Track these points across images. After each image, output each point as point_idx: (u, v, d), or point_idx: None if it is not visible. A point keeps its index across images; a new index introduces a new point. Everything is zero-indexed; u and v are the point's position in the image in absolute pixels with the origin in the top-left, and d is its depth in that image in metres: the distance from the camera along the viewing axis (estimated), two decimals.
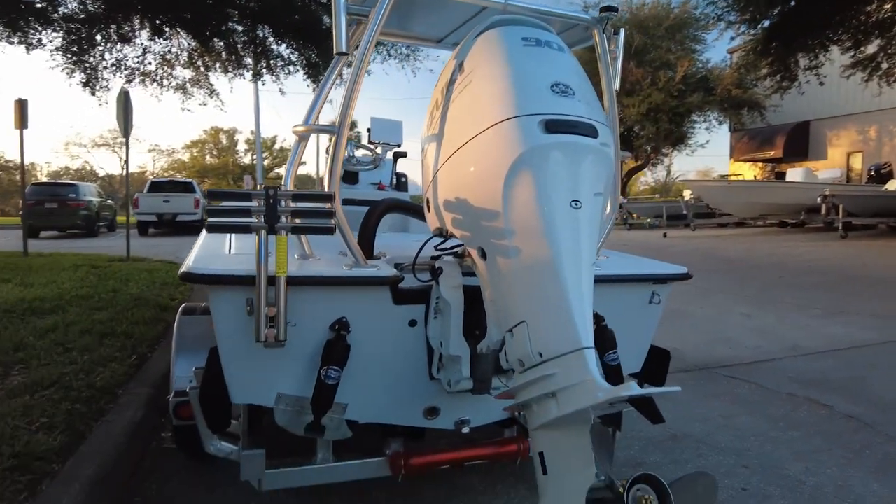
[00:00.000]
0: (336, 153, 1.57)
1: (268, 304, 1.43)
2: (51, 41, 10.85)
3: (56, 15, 10.42)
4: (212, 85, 13.77)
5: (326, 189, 1.56)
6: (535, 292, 1.23)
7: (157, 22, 10.92)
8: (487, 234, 1.33)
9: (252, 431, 1.75)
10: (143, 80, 13.62)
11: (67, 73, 12.41)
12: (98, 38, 10.91)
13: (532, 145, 1.25)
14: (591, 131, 1.28)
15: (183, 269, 1.52)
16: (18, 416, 2.35)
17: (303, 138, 1.71)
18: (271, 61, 12.72)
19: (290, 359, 1.60)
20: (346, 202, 3.19)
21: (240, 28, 11.65)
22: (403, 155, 3.45)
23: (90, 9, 10.52)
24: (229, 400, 1.63)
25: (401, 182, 3.49)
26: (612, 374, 1.85)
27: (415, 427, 1.83)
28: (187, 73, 12.89)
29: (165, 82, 13.71)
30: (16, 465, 1.97)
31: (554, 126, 1.25)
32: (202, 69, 12.68)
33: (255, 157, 56.70)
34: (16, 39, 10.63)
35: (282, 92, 15.85)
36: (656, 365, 2.17)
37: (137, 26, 11.14)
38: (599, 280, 1.85)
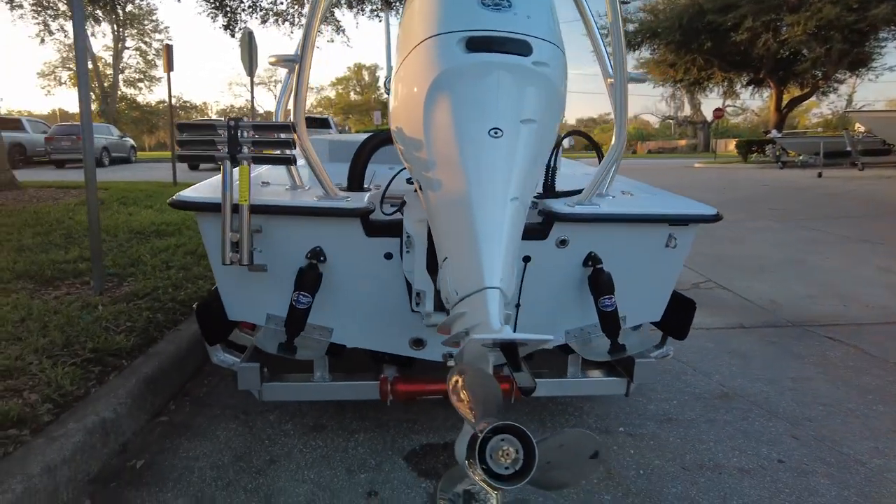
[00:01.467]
0: (299, 83, 1.55)
1: (233, 230, 1.51)
2: None
3: None
4: (338, 21, 14.23)
5: (292, 120, 1.56)
6: (453, 228, 1.15)
7: None
8: (419, 164, 1.26)
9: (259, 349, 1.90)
10: (276, 20, 14.49)
11: (211, 18, 13.51)
12: None
13: (449, 66, 1.13)
14: (521, 48, 1.12)
15: (173, 197, 1.65)
16: (111, 319, 2.78)
17: (291, 70, 1.71)
18: None
19: (275, 283, 1.69)
20: None
21: None
22: None
23: None
24: (224, 316, 1.79)
25: None
26: (607, 320, 1.71)
27: (404, 356, 1.86)
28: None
29: (296, 20, 14.48)
30: (93, 357, 2.34)
31: (475, 44, 1.12)
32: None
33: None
34: None
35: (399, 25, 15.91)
36: (678, 315, 1.96)
37: None
38: (603, 219, 1.69)
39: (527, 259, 1.70)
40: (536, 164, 1.19)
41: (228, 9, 12.86)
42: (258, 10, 13.51)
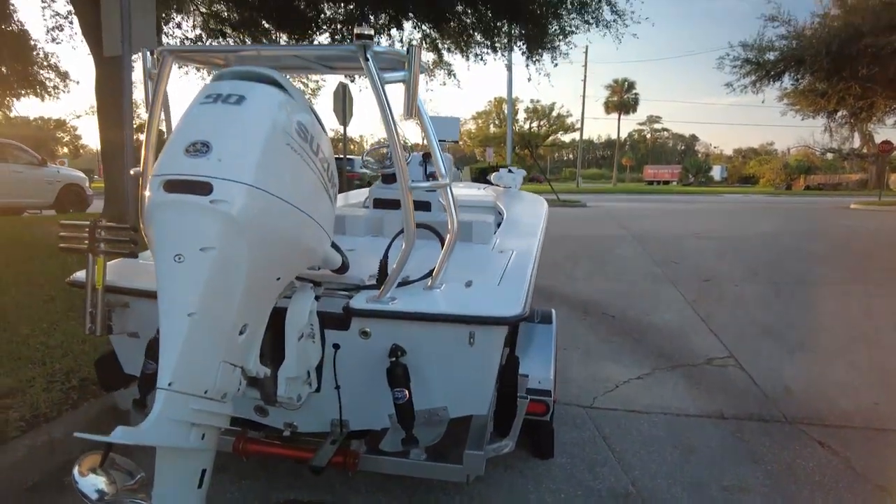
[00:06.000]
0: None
1: (93, 306, 1.89)
2: (319, 43, 13.41)
3: (321, 18, 12.78)
4: (450, 65, 15.01)
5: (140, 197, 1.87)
6: None
7: (394, 12, 12.41)
8: None
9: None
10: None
11: None
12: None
13: (153, 203, 1.39)
14: (202, 189, 1.33)
15: (70, 277, 2.08)
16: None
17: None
18: (496, 40, 13.32)
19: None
20: (379, 203, 3.47)
21: (463, 8, 12.47)
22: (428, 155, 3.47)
23: (348, 8, 12.58)
24: (119, 370, 2.18)
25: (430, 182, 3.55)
26: (399, 411, 1.79)
27: (253, 420, 2.09)
28: (430, 56, 14.40)
29: (409, 45, 15.53)
30: (78, 386, 2.90)
31: (169, 186, 1.36)
32: (440, 50, 14.03)
33: (532, 124, 59.01)
34: (304, 43, 13.40)
35: (508, 68, 16.40)
36: (501, 411, 1.96)
37: (384, 20, 12.86)
38: (395, 316, 1.80)
39: (336, 346, 1.86)
40: (230, 280, 1.38)
41: None
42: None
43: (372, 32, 1.62)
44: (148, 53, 1.85)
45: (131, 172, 1.98)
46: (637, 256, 8.29)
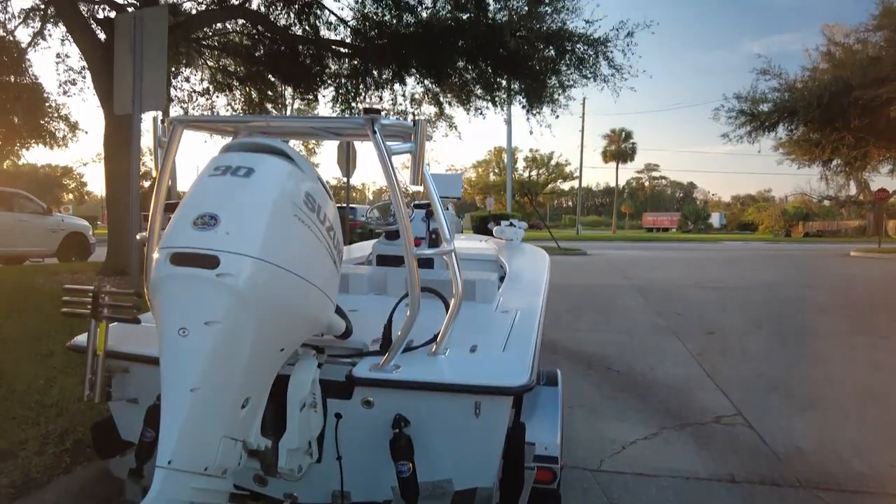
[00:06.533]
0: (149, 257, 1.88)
1: (93, 372, 1.86)
2: (323, 96, 13.67)
3: (326, 73, 13.13)
4: (451, 118, 15.37)
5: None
6: None
7: (398, 68, 12.78)
8: None
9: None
10: (396, 118, 16.04)
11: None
12: (360, 87, 13.32)
13: (159, 276, 1.39)
14: (209, 263, 1.33)
15: (70, 342, 2.06)
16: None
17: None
18: (496, 94, 13.66)
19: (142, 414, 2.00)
20: (382, 260, 3.46)
21: (464, 64, 12.83)
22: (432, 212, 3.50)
23: (353, 63, 12.97)
24: (116, 436, 2.12)
25: (432, 239, 3.57)
26: (403, 485, 1.74)
27: (253, 490, 2.03)
28: (432, 109, 14.75)
29: (414, 118, 15.88)
30: (72, 448, 2.82)
31: (177, 259, 1.36)
32: (442, 104, 14.38)
33: (531, 173, 60.09)
34: (309, 97, 13.72)
35: (507, 122, 16.76)
36: (507, 485, 1.89)
37: (388, 75, 13.22)
38: (399, 385, 1.77)
39: (338, 416, 1.82)
40: (234, 354, 1.36)
41: (354, 112, 14.44)
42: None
43: (380, 108, 1.67)
44: (159, 122, 1.90)
45: (137, 237, 1.99)
46: (640, 307, 8.24)
